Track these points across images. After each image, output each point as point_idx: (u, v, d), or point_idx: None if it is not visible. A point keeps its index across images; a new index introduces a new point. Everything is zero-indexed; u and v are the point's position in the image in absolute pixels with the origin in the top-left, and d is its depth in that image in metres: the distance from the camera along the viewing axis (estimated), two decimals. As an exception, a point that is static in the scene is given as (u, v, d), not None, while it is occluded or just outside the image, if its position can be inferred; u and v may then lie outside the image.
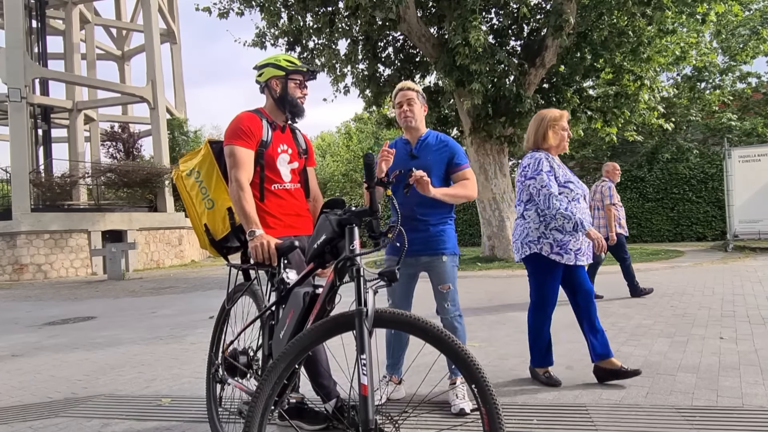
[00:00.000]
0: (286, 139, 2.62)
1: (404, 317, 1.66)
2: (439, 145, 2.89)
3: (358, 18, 9.89)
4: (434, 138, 2.93)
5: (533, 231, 3.13)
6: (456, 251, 2.89)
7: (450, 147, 2.88)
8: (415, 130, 2.91)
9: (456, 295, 2.85)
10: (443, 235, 2.85)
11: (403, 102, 2.88)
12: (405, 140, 2.96)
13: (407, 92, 2.88)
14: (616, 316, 5.11)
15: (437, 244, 2.82)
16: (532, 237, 3.13)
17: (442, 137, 2.94)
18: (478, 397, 1.55)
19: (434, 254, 2.82)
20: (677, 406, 2.67)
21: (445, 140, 2.92)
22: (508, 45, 11.53)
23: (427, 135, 2.93)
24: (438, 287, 2.83)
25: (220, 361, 2.47)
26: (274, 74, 2.54)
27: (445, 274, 2.82)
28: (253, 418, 1.60)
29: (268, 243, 2.22)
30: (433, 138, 2.92)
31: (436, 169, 2.82)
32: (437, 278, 2.84)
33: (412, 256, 2.82)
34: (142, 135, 20.88)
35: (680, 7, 9.76)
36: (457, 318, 2.85)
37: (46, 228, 13.92)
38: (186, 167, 2.61)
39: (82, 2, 18.42)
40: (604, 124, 11.74)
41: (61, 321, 6.82)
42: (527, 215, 3.19)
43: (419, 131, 2.92)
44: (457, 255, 2.91)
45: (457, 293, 2.85)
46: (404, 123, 2.89)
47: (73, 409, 3.15)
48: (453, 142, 2.93)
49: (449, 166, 2.86)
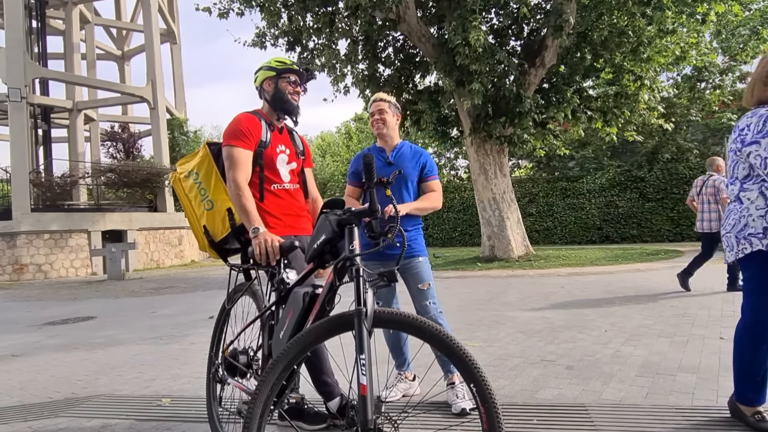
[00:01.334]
0: (284, 140, 2.64)
1: (403, 317, 1.66)
2: (414, 155, 3.07)
3: (358, 18, 9.88)
4: (409, 148, 3.10)
5: (756, 219, 2.32)
6: (426, 254, 3.05)
7: (424, 157, 3.08)
8: (388, 138, 3.07)
9: (435, 291, 2.97)
10: (418, 239, 3.02)
11: (374, 112, 3.07)
12: (379, 148, 3.11)
13: (380, 103, 3.08)
14: (616, 316, 5.11)
15: (414, 248, 2.98)
16: (754, 228, 2.32)
17: (416, 148, 3.13)
18: (477, 397, 1.55)
19: (410, 257, 2.95)
20: (677, 406, 2.67)
21: (419, 151, 3.11)
22: (508, 45, 11.53)
23: (402, 145, 3.11)
24: (418, 286, 2.93)
25: (220, 361, 2.47)
26: (267, 76, 2.57)
27: (424, 273, 2.95)
28: (252, 418, 1.60)
29: (272, 240, 2.21)
30: (407, 148, 3.10)
31: (411, 177, 3.01)
32: (416, 278, 2.94)
33: (391, 260, 2.91)
34: (142, 135, 20.89)
35: (680, 7, 9.75)
36: (440, 315, 2.93)
37: (46, 228, 13.93)
38: (183, 170, 2.61)
39: (82, 2, 18.42)
40: (604, 124, 11.74)
41: (61, 321, 6.82)
42: (746, 197, 2.36)
43: (393, 140, 3.08)
44: (427, 256, 3.06)
45: (435, 290, 2.97)
46: (376, 130, 3.07)
47: (73, 409, 3.15)
48: (426, 153, 3.12)
49: (420, 175, 3.04)
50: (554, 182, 17.26)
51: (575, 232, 16.63)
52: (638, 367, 3.36)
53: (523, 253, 11.22)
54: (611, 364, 3.46)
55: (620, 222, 16.09)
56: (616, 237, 16.06)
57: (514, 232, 11.26)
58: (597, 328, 4.61)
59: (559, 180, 17.32)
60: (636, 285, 7.13)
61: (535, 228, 16.81)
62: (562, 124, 12.77)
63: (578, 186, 16.68)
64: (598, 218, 16.33)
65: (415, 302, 2.95)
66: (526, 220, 14.92)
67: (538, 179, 18.00)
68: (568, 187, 16.84)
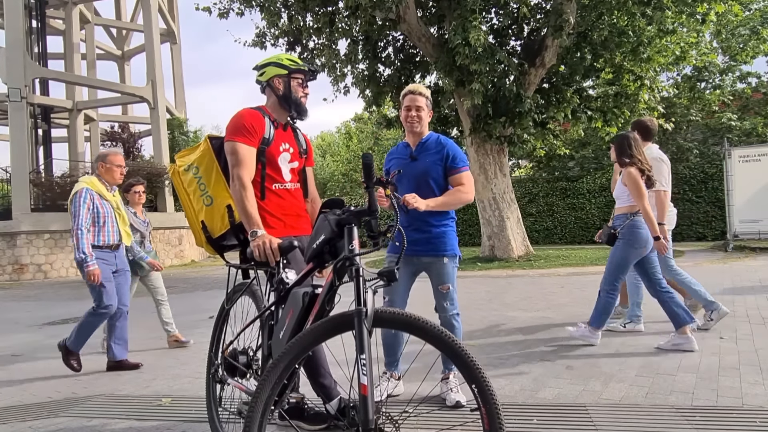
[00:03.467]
0: (287, 138, 2.60)
1: (404, 317, 1.66)
2: (438, 147, 2.90)
3: (358, 18, 9.88)
4: (434, 140, 2.94)
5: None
6: (456, 252, 2.91)
7: (448, 149, 2.89)
8: (418, 134, 2.93)
9: (455, 294, 2.89)
10: (444, 237, 2.88)
11: (411, 107, 2.88)
12: (406, 143, 3.00)
13: (417, 98, 2.88)
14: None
15: (438, 246, 2.85)
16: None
17: (442, 139, 2.94)
18: (478, 398, 1.55)
19: (435, 256, 2.85)
20: (677, 406, 2.67)
21: (444, 142, 2.92)
22: (508, 45, 11.53)
23: (428, 137, 2.95)
24: (438, 287, 2.87)
25: (219, 361, 2.46)
26: (277, 73, 2.52)
27: (446, 275, 2.85)
28: (252, 418, 1.60)
29: (270, 241, 2.19)
30: (433, 140, 2.94)
31: (433, 172, 2.85)
32: (437, 279, 2.87)
33: (414, 256, 2.85)
34: (142, 135, 20.88)
35: (680, 7, 9.74)
36: (455, 316, 2.90)
37: (46, 228, 13.91)
38: (183, 162, 2.56)
39: (82, 2, 18.41)
40: (604, 124, 11.73)
41: (61, 321, 6.81)
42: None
43: (423, 135, 2.94)
44: (458, 256, 2.93)
45: (456, 293, 2.90)
46: (409, 128, 2.90)
47: (73, 409, 3.15)
48: (452, 144, 2.94)
49: (447, 168, 2.87)
50: (554, 182, 17.26)
51: (575, 232, 16.62)
52: (638, 367, 3.36)
53: (523, 253, 11.22)
54: (611, 364, 3.46)
55: (620, 222, 16.07)
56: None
57: (514, 232, 11.26)
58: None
59: (559, 180, 17.31)
60: (636, 285, 7.10)
61: (535, 228, 16.80)
62: (562, 124, 12.76)
63: (578, 186, 16.67)
64: (598, 218, 16.31)
65: (436, 299, 2.92)
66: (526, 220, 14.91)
67: (538, 179, 17.99)
68: (568, 187, 16.83)
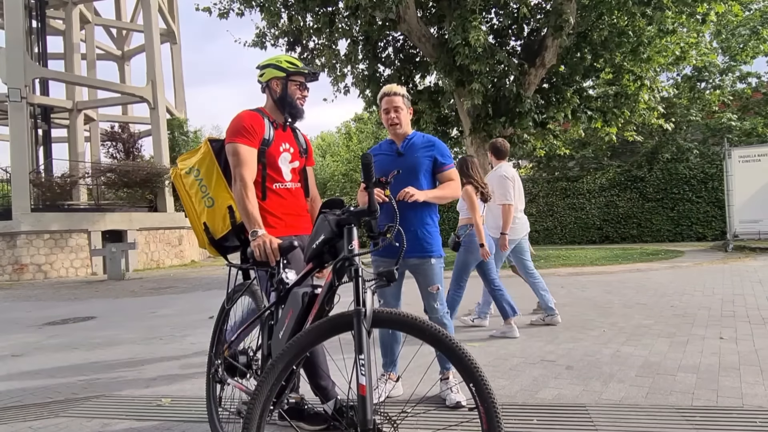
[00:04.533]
0: (287, 138, 2.62)
1: (402, 317, 1.66)
2: (425, 144, 2.91)
3: (358, 18, 9.88)
4: (420, 137, 2.95)
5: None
6: (441, 253, 2.93)
7: (436, 146, 2.91)
8: (402, 133, 2.94)
9: (443, 293, 2.92)
10: (430, 237, 2.88)
11: (389, 108, 2.88)
12: (390, 140, 3.00)
13: (394, 98, 2.88)
14: (616, 316, 5.10)
15: (425, 247, 2.85)
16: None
17: (428, 137, 2.97)
18: (476, 397, 1.55)
19: (422, 257, 2.85)
20: (677, 406, 2.67)
21: (431, 140, 2.95)
22: (508, 45, 11.52)
23: (414, 135, 2.96)
24: (427, 288, 2.88)
25: (219, 361, 2.46)
26: (275, 75, 2.54)
27: (434, 276, 2.87)
28: (251, 418, 1.59)
29: (270, 241, 2.21)
30: (419, 137, 2.95)
31: (422, 167, 2.86)
32: (426, 280, 2.88)
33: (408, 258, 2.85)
34: (142, 135, 20.87)
35: (680, 7, 9.74)
36: (446, 315, 2.91)
37: (46, 228, 13.92)
38: (184, 165, 2.59)
39: (82, 2, 18.41)
40: (604, 124, 11.73)
41: (61, 321, 6.81)
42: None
43: (406, 134, 2.95)
44: (443, 256, 2.94)
45: (443, 292, 2.92)
46: (391, 130, 2.92)
47: (73, 409, 3.15)
48: (439, 141, 2.95)
49: (435, 165, 2.89)
50: (554, 182, 17.26)
51: (575, 232, 16.63)
52: (638, 367, 3.36)
53: (523, 253, 11.19)
54: (611, 364, 3.46)
55: (620, 222, 16.09)
56: (616, 237, 16.06)
57: (514, 232, 11.23)
58: (597, 328, 4.61)
59: (559, 180, 17.32)
60: (636, 285, 7.12)
61: (535, 228, 16.80)
62: (562, 124, 12.76)
63: (578, 186, 16.68)
64: (598, 218, 16.33)
65: (424, 300, 2.92)
66: (526, 220, 14.90)
67: (538, 179, 17.99)
68: (568, 187, 16.84)
